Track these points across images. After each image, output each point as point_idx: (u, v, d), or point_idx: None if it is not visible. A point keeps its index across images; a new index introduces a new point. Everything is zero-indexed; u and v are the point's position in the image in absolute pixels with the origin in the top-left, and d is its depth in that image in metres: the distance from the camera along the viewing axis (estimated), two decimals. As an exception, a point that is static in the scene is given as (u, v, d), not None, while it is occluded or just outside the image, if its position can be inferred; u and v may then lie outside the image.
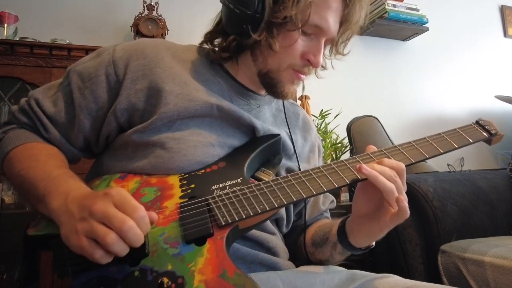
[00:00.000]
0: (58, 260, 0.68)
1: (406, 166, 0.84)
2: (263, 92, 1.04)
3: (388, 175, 0.76)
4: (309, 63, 0.94)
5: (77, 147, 0.96)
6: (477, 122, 1.00)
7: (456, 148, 0.92)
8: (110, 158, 0.93)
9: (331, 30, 0.92)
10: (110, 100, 0.92)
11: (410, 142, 0.90)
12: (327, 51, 1.05)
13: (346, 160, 0.84)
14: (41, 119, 0.91)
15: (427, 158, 0.88)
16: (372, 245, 0.92)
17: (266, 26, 0.90)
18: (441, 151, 0.90)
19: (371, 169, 0.76)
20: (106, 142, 0.96)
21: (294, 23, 0.88)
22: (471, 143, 0.95)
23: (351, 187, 2.00)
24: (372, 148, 0.87)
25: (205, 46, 1.06)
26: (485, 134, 0.98)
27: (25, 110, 0.93)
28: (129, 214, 0.61)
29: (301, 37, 0.91)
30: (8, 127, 0.93)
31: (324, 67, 1.09)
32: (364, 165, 0.77)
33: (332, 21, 0.91)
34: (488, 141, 1.00)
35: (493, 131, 0.98)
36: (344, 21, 0.95)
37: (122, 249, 0.61)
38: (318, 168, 0.83)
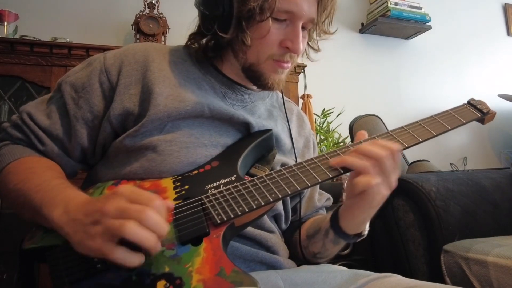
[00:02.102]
0: (54, 271, 0.68)
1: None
2: (254, 87, 1.03)
3: (364, 154, 0.77)
4: (288, 50, 0.91)
5: (75, 159, 0.95)
6: (468, 103, 1.00)
7: (449, 130, 0.91)
8: (103, 167, 0.93)
9: (304, 12, 0.88)
10: (105, 108, 0.91)
11: (402, 127, 0.90)
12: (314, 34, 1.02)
13: (338, 149, 0.84)
14: (35, 132, 0.90)
15: (420, 142, 0.87)
16: (364, 235, 0.92)
17: (236, 22, 0.88)
18: (434, 134, 0.89)
19: (340, 158, 0.79)
20: (102, 151, 0.95)
21: (261, 13, 0.86)
22: (464, 124, 0.94)
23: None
24: (363, 134, 0.87)
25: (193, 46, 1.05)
26: (477, 113, 0.97)
27: (18, 125, 0.92)
28: (146, 204, 0.61)
29: (274, 25, 0.88)
30: (1, 144, 0.92)
31: (316, 49, 1.06)
32: (334, 159, 0.80)
33: (304, 3, 0.88)
34: (481, 120, 0.99)
35: (485, 110, 0.97)
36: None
37: (146, 236, 0.59)
38: (312, 159, 0.82)
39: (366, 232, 0.93)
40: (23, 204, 0.77)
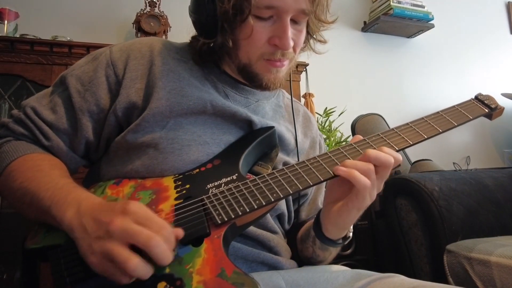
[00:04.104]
0: (56, 271, 0.68)
1: (405, 148, 0.83)
2: None
3: (364, 170, 0.74)
4: (277, 47, 0.88)
5: (79, 154, 0.94)
6: (476, 98, 0.97)
7: (455, 126, 0.89)
8: (105, 164, 0.92)
9: (290, 5, 0.83)
10: (111, 102, 0.91)
11: (407, 124, 0.88)
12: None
13: (342, 147, 0.82)
14: (40, 127, 0.88)
15: (425, 139, 0.85)
16: (349, 237, 0.91)
17: (220, 25, 0.87)
18: (440, 130, 0.87)
19: (347, 169, 0.74)
20: (106, 146, 0.94)
21: (241, 13, 0.84)
22: (470, 120, 0.92)
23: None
24: (359, 138, 0.85)
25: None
26: (485, 109, 0.95)
27: (21, 120, 0.90)
28: (156, 231, 0.60)
29: (259, 23, 0.86)
30: (2, 140, 0.89)
31: (322, 41, 1.03)
32: (340, 167, 0.76)
33: None
34: (489, 116, 0.97)
35: (493, 106, 0.95)
36: None
37: (145, 273, 0.60)
38: (314, 158, 0.81)
39: (350, 234, 0.91)
40: (29, 203, 0.76)
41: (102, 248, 0.59)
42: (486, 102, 0.95)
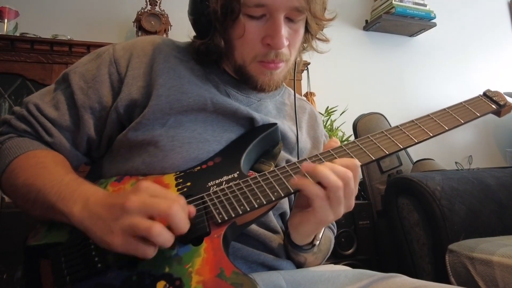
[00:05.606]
0: (56, 269, 0.68)
1: (410, 146, 0.82)
2: None
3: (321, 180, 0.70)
4: (270, 47, 0.86)
5: (81, 151, 0.93)
6: (484, 94, 0.96)
7: (462, 124, 0.87)
8: (107, 162, 0.92)
9: (279, 2, 0.81)
10: (113, 99, 0.91)
11: (412, 121, 0.87)
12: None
13: (344, 145, 0.81)
14: (43, 124, 0.88)
15: (431, 137, 0.83)
16: (315, 244, 0.88)
17: (214, 25, 0.87)
18: (446, 128, 0.85)
19: (308, 185, 0.70)
20: (108, 144, 0.94)
21: (231, 13, 0.83)
22: (478, 117, 0.90)
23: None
24: (335, 140, 0.83)
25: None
26: (493, 106, 0.93)
27: (23, 117, 0.89)
28: (172, 202, 0.62)
29: (251, 23, 0.84)
30: (4, 137, 0.89)
31: (323, 40, 1.01)
32: (297, 180, 0.71)
33: None
34: (497, 113, 0.95)
35: (502, 102, 0.94)
36: None
37: (168, 239, 0.61)
38: (316, 155, 0.80)
39: (317, 242, 0.88)
40: (34, 200, 0.76)
41: (123, 224, 0.61)
42: (494, 98, 0.94)
